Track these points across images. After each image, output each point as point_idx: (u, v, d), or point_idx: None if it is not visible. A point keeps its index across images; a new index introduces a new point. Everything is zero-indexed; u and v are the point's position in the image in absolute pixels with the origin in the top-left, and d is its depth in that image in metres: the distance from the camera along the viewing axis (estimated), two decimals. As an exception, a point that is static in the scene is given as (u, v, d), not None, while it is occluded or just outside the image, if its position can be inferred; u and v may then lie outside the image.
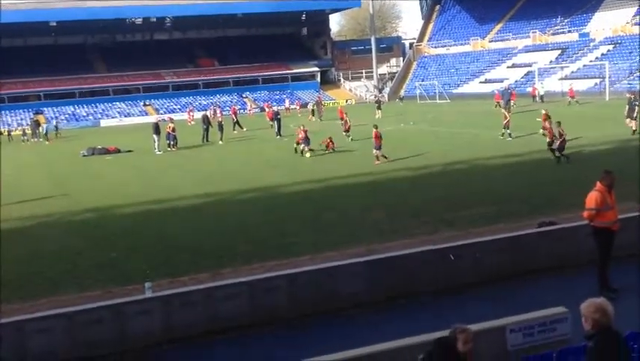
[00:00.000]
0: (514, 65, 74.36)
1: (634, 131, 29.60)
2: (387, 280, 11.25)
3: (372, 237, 15.22)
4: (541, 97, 56.78)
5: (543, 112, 29.88)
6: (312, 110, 58.93)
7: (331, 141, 31.81)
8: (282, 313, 10.63)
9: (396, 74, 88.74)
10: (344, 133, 36.76)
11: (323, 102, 64.87)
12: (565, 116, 29.37)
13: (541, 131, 29.00)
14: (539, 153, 25.96)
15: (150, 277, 12.55)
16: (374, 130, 27.30)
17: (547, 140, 24.71)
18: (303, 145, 30.94)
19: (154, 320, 10.04)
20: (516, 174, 22.64)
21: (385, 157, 26.63)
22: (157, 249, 15.79)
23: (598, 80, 60.23)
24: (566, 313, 8.23)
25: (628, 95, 33.17)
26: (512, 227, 14.57)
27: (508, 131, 31.44)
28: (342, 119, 39.62)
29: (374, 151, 26.94)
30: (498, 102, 50.66)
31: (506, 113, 32.30)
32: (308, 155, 30.27)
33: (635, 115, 30.41)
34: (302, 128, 31.67)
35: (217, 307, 10.37)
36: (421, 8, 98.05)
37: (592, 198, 10.52)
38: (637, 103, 30.81)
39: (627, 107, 31.44)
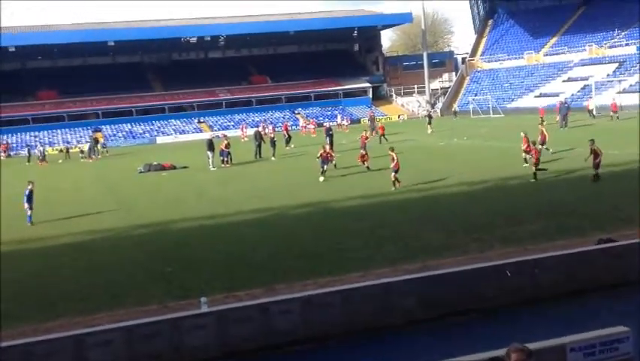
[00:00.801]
0: (569, 79, 73.02)
1: None
2: (441, 297, 11.13)
3: (427, 253, 15.10)
4: (591, 112, 55.01)
5: (522, 135, 28.23)
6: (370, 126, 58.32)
7: (366, 155, 31.13)
8: (336, 330, 10.62)
9: (449, 89, 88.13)
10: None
11: (376, 117, 64.75)
12: (613, 131, 28.68)
13: (523, 155, 27.86)
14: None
15: (205, 292, 12.70)
16: (391, 153, 25.49)
17: (533, 160, 24.74)
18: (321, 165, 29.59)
19: (209, 334, 10.15)
20: (574, 188, 22.18)
21: (398, 181, 25.03)
22: (212, 263, 15.98)
23: (657, 94, 58.61)
24: (627, 332, 8.02)
25: None
26: (570, 243, 14.27)
27: (545, 146, 30.18)
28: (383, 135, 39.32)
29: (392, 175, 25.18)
30: (542, 117, 49.59)
31: (544, 130, 31.28)
32: (321, 179, 28.88)
33: None
34: (323, 147, 30.69)
35: (271, 323, 10.42)
36: (474, 23, 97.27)
37: None
38: None
39: None
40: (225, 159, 39.45)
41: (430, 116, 57.50)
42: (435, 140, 45.39)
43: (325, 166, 29.67)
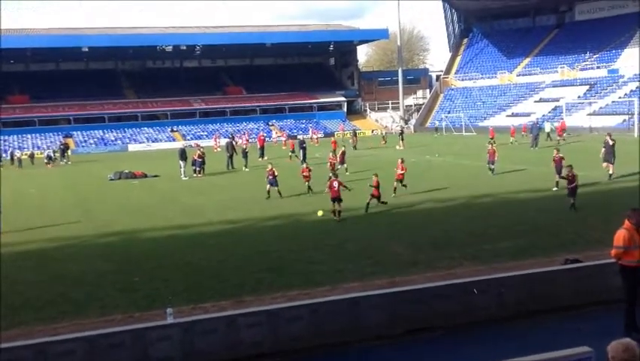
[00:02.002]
0: (541, 100, 74.08)
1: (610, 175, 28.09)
2: (407, 313, 11.14)
3: (395, 269, 15.12)
4: (548, 134, 53.51)
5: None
6: (352, 139, 58.19)
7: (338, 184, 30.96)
8: (304, 343, 10.57)
9: (423, 106, 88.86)
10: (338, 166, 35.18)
11: (357, 132, 64.84)
12: (583, 151, 29.12)
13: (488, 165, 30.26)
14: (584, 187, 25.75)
15: (172, 303, 12.57)
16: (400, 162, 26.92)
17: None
18: (268, 186, 27.93)
19: (174, 345, 10.04)
20: (542, 208, 22.40)
21: (405, 187, 26.42)
22: (180, 274, 15.82)
23: (627, 117, 59.72)
24: (590, 352, 8.06)
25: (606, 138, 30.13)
26: (537, 263, 14.40)
27: (492, 166, 31.61)
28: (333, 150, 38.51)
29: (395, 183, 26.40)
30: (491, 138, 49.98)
31: (491, 148, 32.27)
32: (320, 214, 23.06)
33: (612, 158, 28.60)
34: (270, 167, 28.88)
35: (239, 335, 10.34)
36: (449, 41, 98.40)
37: (619, 236, 10.31)
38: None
39: (603, 149, 29.41)
40: (198, 168, 39.25)
41: (402, 132, 57.77)
42: (407, 156, 45.58)
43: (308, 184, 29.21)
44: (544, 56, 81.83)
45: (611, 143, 28.84)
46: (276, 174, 28.03)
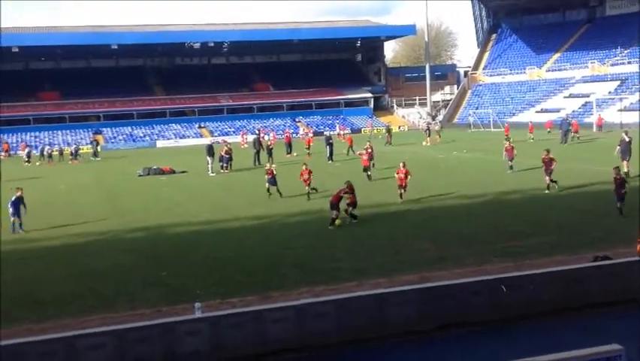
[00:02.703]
0: (571, 95, 73.13)
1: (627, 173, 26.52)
2: (438, 309, 11.09)
3: (423, 265, 15.06)
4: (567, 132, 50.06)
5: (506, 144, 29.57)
6: (387, 136, 57.06)
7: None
8: (332, 339, 10.57)
9: (450, 102, 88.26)
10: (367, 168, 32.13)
11: (391, 129, 63.47)
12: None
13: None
14: (594, 185, 25.44)
15: (200, 297, 12.64)
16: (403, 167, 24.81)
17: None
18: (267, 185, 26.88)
19: (203, 339, 10.10)
20: (573, 204, 22.13)
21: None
22: (208, 269, 15.92)
23: (659, 113, 58.72)
24: (620, 350, 7.96)
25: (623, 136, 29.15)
26: (567, 260, 14.23)
27: (511, 163, 30.96)
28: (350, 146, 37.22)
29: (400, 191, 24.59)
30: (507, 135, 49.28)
31: (508, 146, 31.52)
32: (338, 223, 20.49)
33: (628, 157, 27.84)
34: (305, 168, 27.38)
35: (266, 330, 10.37)
36: (477, 37, 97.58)
37: None
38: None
39: (618, 147, 28.60)
40: (225, 165, 39.38)
41: (428, 129, 57.36)
42: (434, 152, 45.39)
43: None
44: (575, 52, 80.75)
45: (627, 140, 28.26)
46: (275, 173, 27.44)
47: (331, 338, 10.60)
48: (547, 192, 24.61)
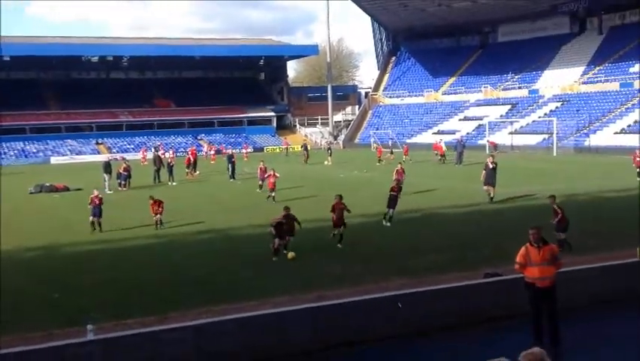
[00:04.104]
0: (465, 118, 76.07)
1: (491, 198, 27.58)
2: (335, 327, 11.20)
3: (323, 283, 15.18)
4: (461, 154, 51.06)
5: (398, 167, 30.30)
6: (328, 154, 56.22)
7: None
8: (230, 358, 10.47)
9: (352, 122, 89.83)
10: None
11: (309, 147, 63.43)
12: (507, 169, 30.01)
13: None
14: (490, 204, 26.54)
15: (94, 319, 12.23)
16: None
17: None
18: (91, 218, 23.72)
19: (96, 362, 9.78)
20: (468, 223, 22.95)
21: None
22: (104, 289, 15.45)
23: (546, 136, 62.01)
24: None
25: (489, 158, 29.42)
26: (459, 277, 14.71)
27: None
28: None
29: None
30: (442, 155, 51.17)
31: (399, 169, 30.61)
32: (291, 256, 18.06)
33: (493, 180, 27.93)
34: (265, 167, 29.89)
35: (162, 351, 10.15)
36: (378, 59, 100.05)
37: (519, 252, 10.87)
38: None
39: (484, 172, 28.40)
40: (123, 182, 38.46)
41: (330, 148, 58.28)
42: (335, 171, 46.00)
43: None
44: (469, 76, 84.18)
45: (491, 166, 28.08)
46: (101, 202, 23.96)
47: (230, 358, 10.50)
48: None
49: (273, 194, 30.09)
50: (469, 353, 10.58)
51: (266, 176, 30.95)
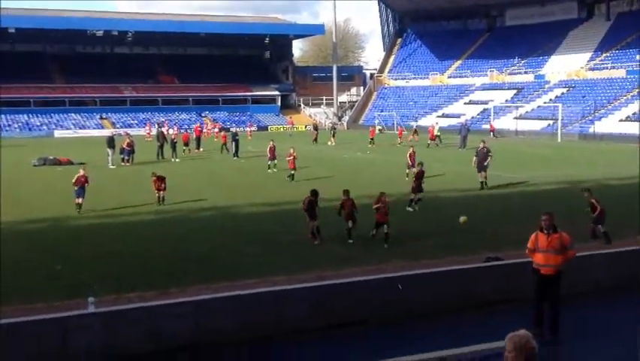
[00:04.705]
0: (471, 102, 75.80)
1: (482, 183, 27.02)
2: (332, 307, 11.26)
3: (323, 263, 15.24)
4: (438, 137, 52.13)
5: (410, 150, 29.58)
6: (332, 134, 56.08)
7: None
8: (227, 336, 10.54)
9: (356, 103, 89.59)
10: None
11: (336, 127, 62.37)
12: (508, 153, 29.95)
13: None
14: (499, 188, 26.56)
15: (96, 292, 12.31)
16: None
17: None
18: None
19: (95, 335, 9.85)
20: (471, 207, 22.94)
21: None
22: (105, 263, 15.53)
23: (551, 122, 61.80)
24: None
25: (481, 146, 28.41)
26: (460, 260, 14.76)
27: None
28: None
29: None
30: (432, 138, 50.96)
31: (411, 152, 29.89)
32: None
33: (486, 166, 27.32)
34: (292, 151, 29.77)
35: (160, 326, 10.22)
36: (383, 40, 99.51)
37: (530, 237, 10.86)
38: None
39: (475, 157, 28.05)
40: (126, 157, 38.51)
41: (334, 129, 58.17)
42: (339, 152, 45.99)
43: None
44: (475, 59, 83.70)
45: (484, 151, 27.60)
46: (86, 181, 22.90)
47: (229, 335, 10.57)
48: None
49: (293, 172, 30.00)
50: (468, 336, 10.60)
51: (289, 158, 30.26)
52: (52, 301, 12.43)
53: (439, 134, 52.29)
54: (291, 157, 29.97)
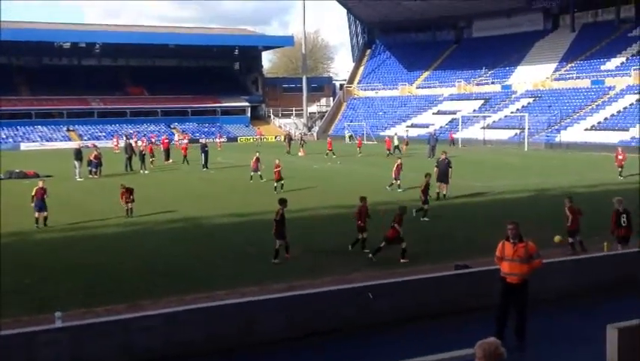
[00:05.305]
0: (439, 112, 76.48)
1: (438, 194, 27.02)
2: (303, 318, 11.25)
3: (294, 273, 15.23)
4: (397, 147, 52.86)
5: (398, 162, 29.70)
6: (301, 145, 56.71)
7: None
8: (199, 348, 10.47)
9: (326, 114, 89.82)
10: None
11: (304, 138, 62.69)
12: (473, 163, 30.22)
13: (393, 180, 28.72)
14: (467, 197, 26.77)
15: (63, 307, 12.14)
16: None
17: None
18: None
19: (63, 350, 9.71)
20: (439, 216, 23.12)
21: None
22: (74, 277, 15.33)
23: (518, 131, 62.61)
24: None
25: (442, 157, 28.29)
26: (430, 268, 14.86)
27: (398, 182, 29.68)
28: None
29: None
30: (388, 149, 51.35)
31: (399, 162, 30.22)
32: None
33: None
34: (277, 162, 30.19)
35: (131, 340, 10.11)
36: (353, 51, 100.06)
37: (498, 246, 10.91)
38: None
39: (436, 168, 27.54)
40: (94, 169, 38.13)
41: (302, 140, 58.46)
42: (309, 163, 46.03)
43: None
44: (443, 70, 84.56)
45: (446, 162, 27.53)
46: (44, 194, 22.58)
47: (199, 347, 10.49)
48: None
49: (278, 184, 30.01)
50: (439, 344, 10.67)
51: (276, 169, 30.33)
52: (19, 316, 12.24)
53: (397, 144, 52.96)
54: (278, 168, 30.06)
